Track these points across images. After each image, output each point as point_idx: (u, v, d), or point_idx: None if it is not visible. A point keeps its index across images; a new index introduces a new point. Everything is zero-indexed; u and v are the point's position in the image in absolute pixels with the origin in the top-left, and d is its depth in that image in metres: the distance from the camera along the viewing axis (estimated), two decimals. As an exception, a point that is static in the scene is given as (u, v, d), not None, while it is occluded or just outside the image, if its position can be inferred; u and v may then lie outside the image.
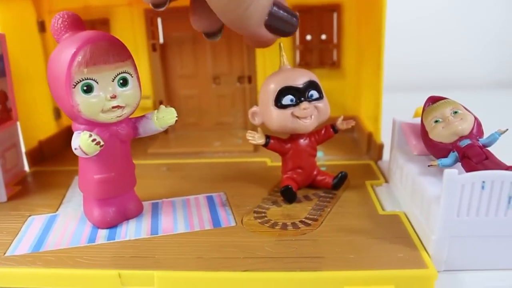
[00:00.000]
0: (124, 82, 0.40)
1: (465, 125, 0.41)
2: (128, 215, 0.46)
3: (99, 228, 0.45)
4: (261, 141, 0.49)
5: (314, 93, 0.46)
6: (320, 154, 0.63)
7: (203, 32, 0.41)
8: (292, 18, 0.39)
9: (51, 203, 0.52)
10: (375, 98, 0.58)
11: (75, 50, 0.38)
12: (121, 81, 0.40)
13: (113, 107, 0.40)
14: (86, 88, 0.38)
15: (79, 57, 0.38)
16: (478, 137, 0.41)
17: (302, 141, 0.49)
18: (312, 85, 0.46)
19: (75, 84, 0.38)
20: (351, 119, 0.70)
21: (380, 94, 0.57)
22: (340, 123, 0.50)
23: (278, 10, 0.37)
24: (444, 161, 0.41)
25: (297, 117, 0.46)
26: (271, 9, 0.36)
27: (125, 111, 0.41)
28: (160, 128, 0.44)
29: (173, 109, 0.43)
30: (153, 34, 0.71)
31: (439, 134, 0.42)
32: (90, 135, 0.39)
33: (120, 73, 0.40)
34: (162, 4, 0.38)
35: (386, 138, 0.57)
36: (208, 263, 0.38)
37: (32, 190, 0.56)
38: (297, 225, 0.43)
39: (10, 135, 0.60)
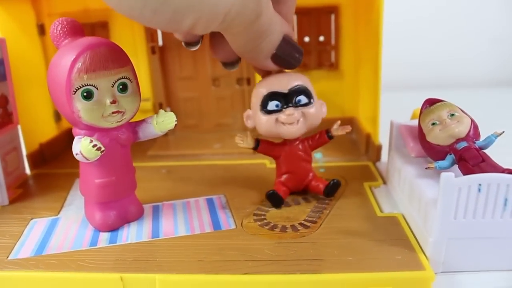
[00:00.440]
0: (123, 88, 0.41)
1: (462, 128, 0.42)
2: (129, 218, 0.47)
3: (100, 231, 0.45)
4: (251, 144, 0.49)
5: (302, 99, 0.45)
6: (319, 155, 0.64)
7: (221, 62, 0.43)
8: (296, 54, 0.41)
9: (53, 206, 0.52)
10: (373, 99, 0.59)
11: (74, 56, 0.38)
12: (121, 86, 0.40)
13: (113, 113, 0.40)
14: (86, 94, 0.39)
15: (79, 63, 0.38)
16: (474, 140, 0.42)
17: (294, 145, 0.49)
18: (300, 90, 0.45)
19: (75, 90, 0.38)
20: (349, 120, 0.71)
21: (378, 95, 0.57)
22: (335, 129, 0.49)
23: (285, 46, 0.39)
24: (441, 163, 0.42)
25: (282, 122, 0.45)
26: (279, 44, 0.39)
27: (125, 116, 0.41)
28: (159, 132, 0.44)
29: (172, 113, 0.44)
30: (152, 37, 0.72)
31: (436, 136, 0.43)
32: (91, 141, 0.39)
33: (119, 79, 0.40)
34: (195, 43, 0.41)
35: (384, 138, 0.56)
36: (209, 266, 0.38)
37: (34, 193, 0.57)
38: (296, 228, 0.44)
39: (11, 138, 0.60)
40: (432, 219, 0.37)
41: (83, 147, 0.39)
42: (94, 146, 0.39)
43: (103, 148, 0.40)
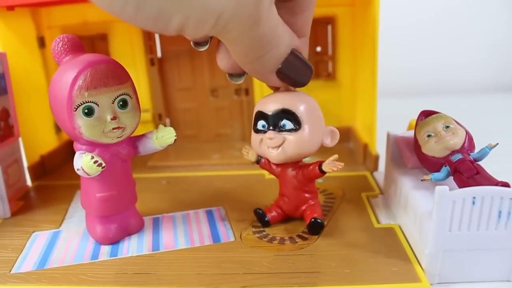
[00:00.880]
0: (124, 104, 0.41)
1: (457, 140, 0.42)
2: (130, 231, 0.47)
3: (101, 244, 0.46)
4: (253, 158, 0.48)
5: (287, 123, 0.41)
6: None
7: (227, 73, 0.41)
8: (306, 70, 0.38)
9: (54, 219, 0.52)
10: (370, 109, 0.59)
11: (75, 74, 0.39)
12: (121, 102, 0.41)
13: (114, 129, 0.41)
14: (87, 111, 0.39)
15: (80, 81, 0.39)
16: (469, 152, 0.42)
17: (288, 171, 0.46)
18: (285, 114, 0.41)
19: (76, 107, 0.39)
20: (347, 129, 0.72)
21: (375, 105, 0.58)
22: (326, 164, 0.43)
23: (293, 61, 0.36)
24: (436, 175, 0.42)
25: (266, 145, 0.43)
26: (286, 58, 0.36)
27: (125, 131, 0.42)
28: (159, 147, 0.45)
29: (172, 128, 0.44)
30: (151, 49, 0.72)
31: (432, 148, 0.43)
32: (92, 157, 0.40)
33: (119, 95, 0.41)
34: (204, 43, 0.39)
35: (382, 147, 0.56)
36: (209, 279, 0.39)
37: (35, 205, 0.57)
38: (294, 240, 0.44)
39: (12, 151, 0.61)
40: (428, 232, 0.38)
41: (84, 163, 0.40)
42: (95, 162, 0.40)
43: (104, 164, 0.40)
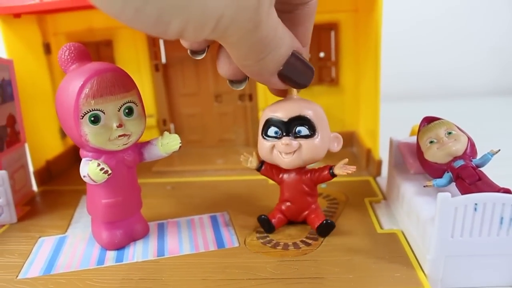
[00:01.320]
0: (129, 112, 0.42)
1: (459, 146, 0.43)
2: (135, 236, 0.48)
3: (107, 249, 0.46)
4: (254, 165, 0.48)
5: (303, 130, 0.43)
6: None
7: (228, 80, 0.41)
8: (308, 71, 0.38)
9: (60, 224, 0.53)
10: (373, 114, 0.60)
11: (82, 82, 0.39)
12: (127, 110, 0.42)
13: (120, 136, 0.41)
14: (93, 118, 0.40)
15: (86, 89, 0.39)
16: (471, 158, 0.43)
17: (296, 177, 0.46)
18: (300, 120, 0.43)
19: (83, 115, 0.40)
20: (350, 134, 0.72)
21: (378, 110, 0.58)
22: (338, 167, 0.45)
23: (294, 63, 0.36)
24: (439, 181, 0.43)
25: (279, 151, 0.44)
26: (288, 59, 0.36)
27: (131, 138, 0.42)
28: (164, 154, 0.45)
29: (177, 135, 0.45)
30: (155, 55, 0.73)
31: (434, 154, 0.44)
32: (98, 164, 0.40)
33: (125, 103, 0.41)
34: (201, 52, 0.39)
35: (385, 152, 0.56)
36: (213, 285, 0.39)
37: (41, 210, 0.58)
38: (298, 245, 0.45)
39: (18, 156, 0.62)
40: (430, 237, 0.38)
41: (90, 170, 0.40)
42: (101, 169, 0.40)
43: (110, 171, 0.41)
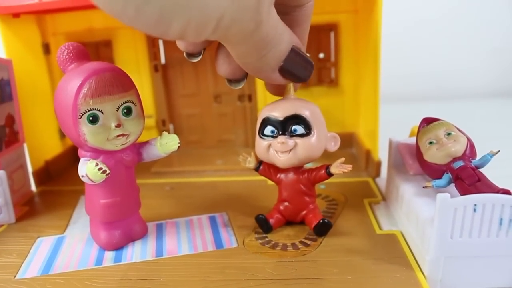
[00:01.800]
0: (128, 111, 0.42)
1: (458, 147, 0.43)
2: (134, 237, 0.48)
3: (105, 250, 0.46)
4: (252, 165, 0.48)
5: (298, 128, 0.43)
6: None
7: (226, 79, 0.41)
8: (307, 65, 0.38)
9: (58, 224, 0.53)
10: (373, 116, 0.60)
11: (80, 82, 0.39)
12: (125, 110, 0.41)
13: (118, 136, 0.41)
14: (92, 118, 0.40)
15: (85, 89, 0.39)
16: (471, 159, 0.43)
17: (291, 175, 0.47)
18: (296, 119, 0.43)
19: (81, 114, 0.39)
20: (349, 135, 0.72)
21: (377, 111, 0.58)
22: (335, 166, 0.45)
23: (294, 58, 0.37)
24: (438, 182, 0.43)
25: (275, 150, 0.44)
26: (288, 55, 0.36)
27: (129, 138, 0.42)
28: (163, 154, 0.45)
29: (175, 135, 0.45)
30: (155, 55, 0.73)
31: (433, 155, 0.44)
32: (97, 164, 0.40)
33: (124, 103, 0.41)
34: (197, 54, 0.39)
35: (384, 153, 0.56)
36: (212, 285, 0.39)
37: (40, 210, 0.58)
38: (297, 246, 0.45)
39: (17, 156, 0.62)
40: (429, 238, 0.38)
41: (89, 170, 0.40)
42: (100, 169, 0.40)
43: (108, 171, 0.41)
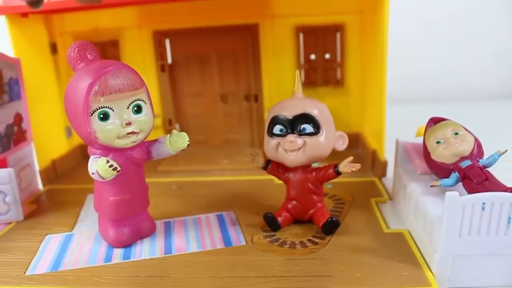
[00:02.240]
0: (138, 109, 0.42)
1: (466, 146, 0.43)
2: (142, 234, 0.48)
3: (114, 247, 0.46)
4: (260, 164, 0.49)
5: (307, 127, 0.44)
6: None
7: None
8: None
9: (67, 222, 0.53)
10: (379, 116, 0.60)
11: (92, 80, 0.39)
12: (136, 108, 0.42)
13: (128, 133, 0.41)
14: (102, 116, 0.40)
15: (96, 86, 0.39)
16: (478, 158, 0.43)
17: (299, 174, 0.47)
18: (305, 118, 0.44)
19: (92, 112, 0.40)
20: (355, 135, 0.72)
21: (384, 112, 0.58)
22: (343, 165, 0.46)
23: None
24: (446, 181, 0.43)
25: (284, 148, 0.44)
26: None
27: (140, 136, 0.43)
28: (172, 152, 0.45)
29: (185, 133, 0.45)
30: (161, 55, 0.73)
31: (441, 155, 0.44)
32: (108, 161, 0.40)
33: (134, 101, 0.41)
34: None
35: (390, 153, 0.56)
36: (221, 282, 0.39)
37: (47, 208, 0.58)
38: (305, 244, 0.45)
39: (25, 155, 0.62)
40: (438, 236, 0.38)
41: (99, 167, 0.40)
42: (110, 166, 0.40)
43: (119, 168, 0.41)
